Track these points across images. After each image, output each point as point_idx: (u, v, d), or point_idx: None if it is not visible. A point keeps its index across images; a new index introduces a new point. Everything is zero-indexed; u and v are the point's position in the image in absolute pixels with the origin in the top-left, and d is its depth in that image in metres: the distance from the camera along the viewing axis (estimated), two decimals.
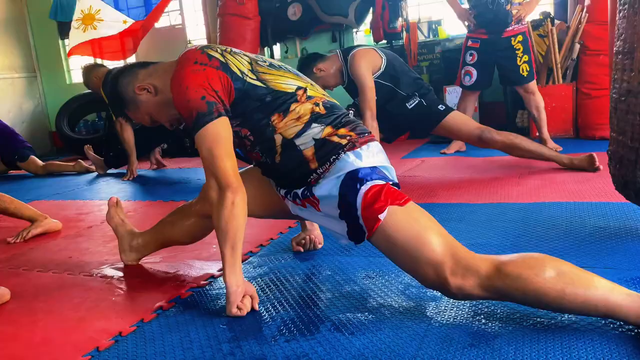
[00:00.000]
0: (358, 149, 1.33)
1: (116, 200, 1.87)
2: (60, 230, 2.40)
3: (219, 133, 1.31)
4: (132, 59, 5.80)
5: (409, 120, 2.76)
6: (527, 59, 3.19)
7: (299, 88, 1.38)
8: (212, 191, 1.34)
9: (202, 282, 1.62)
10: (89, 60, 6.01)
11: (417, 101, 2.72)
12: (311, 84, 1.43)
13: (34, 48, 5.78)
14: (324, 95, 1.42)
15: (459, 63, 3.44)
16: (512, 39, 3.17)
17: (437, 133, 2.85)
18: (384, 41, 4.39)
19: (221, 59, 1.35)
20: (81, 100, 5.74)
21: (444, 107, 2.74)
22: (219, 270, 1.70)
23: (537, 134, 3.41)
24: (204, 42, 5.44)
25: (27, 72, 5.91)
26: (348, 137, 1.34)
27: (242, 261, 1.78)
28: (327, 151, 1.33)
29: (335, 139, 1.34)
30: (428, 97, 2.75)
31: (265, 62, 1.42)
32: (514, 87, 3.51)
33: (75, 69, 6.35)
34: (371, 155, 1.35)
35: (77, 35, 5.51)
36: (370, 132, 1.42)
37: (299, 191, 1.39)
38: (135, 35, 5.55)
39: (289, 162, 1.37)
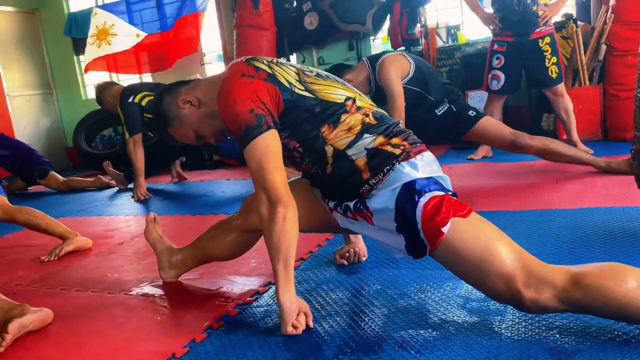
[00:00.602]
0: (413, 159, 1.28)
1: (154, 217, 1.83)
2: (91, 248, 2.36)
3: (268, 146, 1.27)
4: (148, 74, 5.82)
5: (438, 127, 2.71)
6: (555, 61, 3.13)
7: (347, 98, 1.34)
8: (262, 206, 1.30)
9: (248, 299, 1.57)
10: (104, 75, 6.04)
11: (446, 107, 2.68)
12: (359, 94, 1.38)
13: (49, 65, 5.80)
14: (372, 105, 1.38)
15: (480, 68, 3.39)
16: (540, 40, 3.11)
17: (468, 139, 2.80)
18: (402, 48, 4.36)
19: (268, 70, 1.31)
20: (98, 115, 5.74)
21: (474, 113, 2.68)
22: (263, 286, 1.66)
23: (565, 137, 3.34)
24: (220, 55, 5.45)
25: (43, 89, 5.94)
26: (402, 147, 1.30)
27: None
28: (380, 161, 1.28)
29: (389, 148, 1.29)
30: (458, 102, 2.70)
31: (312, 72, 1.38)
32: (539, 90, 3.45)
33: (90, 84, 6.36)
34: (426, 165, 1.30)
35: (92, 51, 5.52)
36: (422, 142, 1.38)
37: (351, 204, 1.34)
38: (149, 50, 5.57)
39: (340, 173, 1.32)
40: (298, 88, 1.31)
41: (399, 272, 1.65)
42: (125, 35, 5.52)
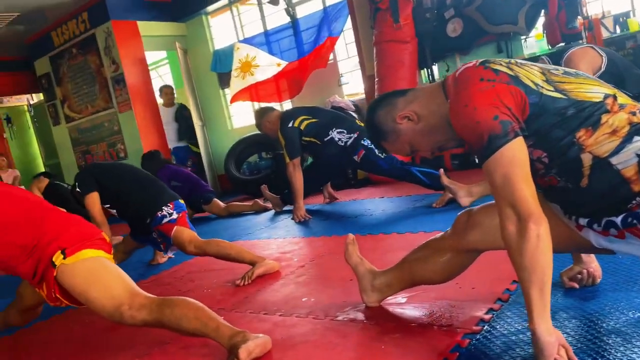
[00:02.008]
0: None
1: (352, 238, 1.78)
2: (279, 271, 2.40)
3: (515, 156, 1.13)
4: (287, 101, 6.04)
5: None
6: None
7: (607, 96, 1.15)
8: (508, 223, 1.15)
9: (474, 328, 1.42)
10: (247, 105, 6.39)
11: None
12: (618, 91, 1.19)
13: (199, 99, 6.28)
14: (636, 103, 1.17)
15: None
16: None
17: None
18: (562, 44, 3.97)
19: (509, 72, 1.18)
20: (244, 143, 6.08)
21: None
22: (484, 313, 1.50)
23: None
24: (358, 75, 5.46)
25: (197, 122, 6.40)
26: None
27: (505, 300, 1.57)
28: None
29: None
30: None
31: (557, 69, 1.22)
32: None
33: (235, 115, 6.77)
34: None
35: (237, 83, 5.88)
36: None
37: (618, 219, 1.14)
38: (289, 77, 5.77)
39: (600, 186, 1.13)
40: (546, 89, 1.15)
41: None
42: (267, 65, 5.80)
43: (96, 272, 1.71)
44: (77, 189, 2.81)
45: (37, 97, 8.86)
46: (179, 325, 1.55)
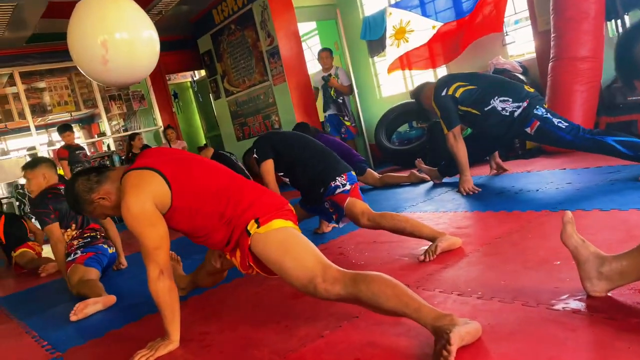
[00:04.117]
0: None
1: (570, 216, 1.51)
2: (461, 247, 2.21)
3: None
4: (441, 67, 5.68)
5: None
6: None
7: None
8: None
9: None
10: (396, 74, 6.14)
11: None
12: None
13: (352, 69, 6.20)
14: None
15: None
16: None
17: None
18: None
19: None
20: (394, 112, 5.90)
21: None
22: None
23: None
24: (526, 32, 4.89)
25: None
26: None
27: None
28: None
29: None
30: None
31: None
32: None
33: (383, 83, 6.60)
34: None
35: (392, 52, 5.66)
36: None
37: None
38: (445, 40, 5.39)
39: None
40: None
41: None
42: (422, 30, 5.48)
43: (288, 243, 1.69)
44: (255, 156, 2.89)
45: (198, 74, 9.59)
46: (376, 302, 1.45)
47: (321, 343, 1.58)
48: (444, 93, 3.38)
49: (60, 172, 5.21)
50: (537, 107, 3.12)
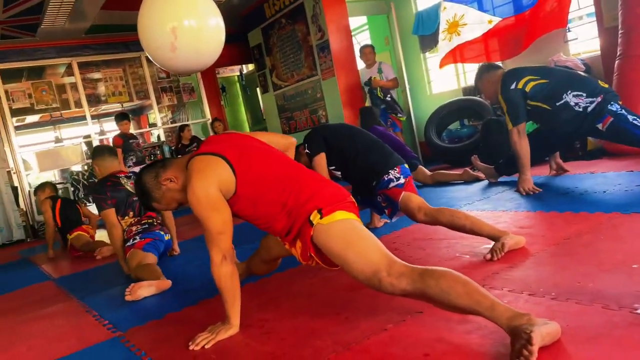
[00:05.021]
0: None
1: None
2: (524, 247, 2.12)
3: None
4: (498, 63, 5.51)
5: None
6: None
7: None
8: None
9: None
10: (447, 70, 6.01)
11: None
12: None
13: (404, 64, 6.11)
14: None
15: None
16: None
17: None
18: None
19: None
20: (446, 109, 5.78)
21: None
22: None
23: None
24: (589, 28, 4.68)
25: (400, 88, 6.24)
26: None
27: None
28: None
29: None
30: None
31: None
32: None
33: (434, 80, 6.48)
34: None
35: (444, 45, 5.54)
36: None
37: None
38: (502, 35, 5.23)
39: None
40: None
41: None
42: (476, 24, 5.33)
43: (352, 235, 1.65)
44: (307, 150, 2.87)
45: (246, 67, 9.70)
46: (446, 299, 1.40)
47: (385, 336, 1.54)
48: (513, 86, 3.24)
49: None
50: (612, 102, 2.97)
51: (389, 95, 5.87)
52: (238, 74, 10.05)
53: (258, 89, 8.33)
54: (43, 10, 5.72)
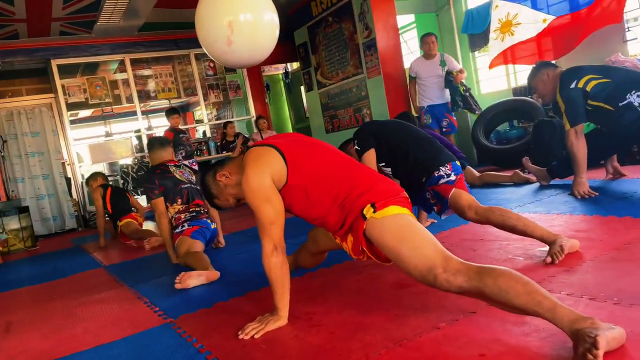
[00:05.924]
0: None
1: None
2: (579, 251, 2.04)
3: None
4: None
5: None
6: None
7: None
8: None
9: None
10: (496, 70, 5.84)
11: None
12: None
13: (461, 62, 6.00)
14: None
15: None
16: None
17: None
18: None
19: None
20: (494, 110, 5.64)
21: None
22: None
23: None
24: None
25: None
26: None
27: None
28: None
29: None
30: None
31: None
32: None
33: (483, 80, 6.33)
34: None
35: (495, 46, 5.40)
36: None
37: None
38: (556, 34, 5.05)
39: None
40: None
41: None
42: (530, 23, 5.18)
43: (406, 230, 1.64)
44: (357, 147, 2.86)
45: (290, 66, 9.77)
46: (504, 298, 1.36)
47: (438, 335, 1.52)
48: (573, 85, 3.12)
49: None
50: None
51: (467, 91, 5.62)
52: (282, 72, 10.13)
53: (302, 87, 8.36)
54: (99, 7, 5.94)
